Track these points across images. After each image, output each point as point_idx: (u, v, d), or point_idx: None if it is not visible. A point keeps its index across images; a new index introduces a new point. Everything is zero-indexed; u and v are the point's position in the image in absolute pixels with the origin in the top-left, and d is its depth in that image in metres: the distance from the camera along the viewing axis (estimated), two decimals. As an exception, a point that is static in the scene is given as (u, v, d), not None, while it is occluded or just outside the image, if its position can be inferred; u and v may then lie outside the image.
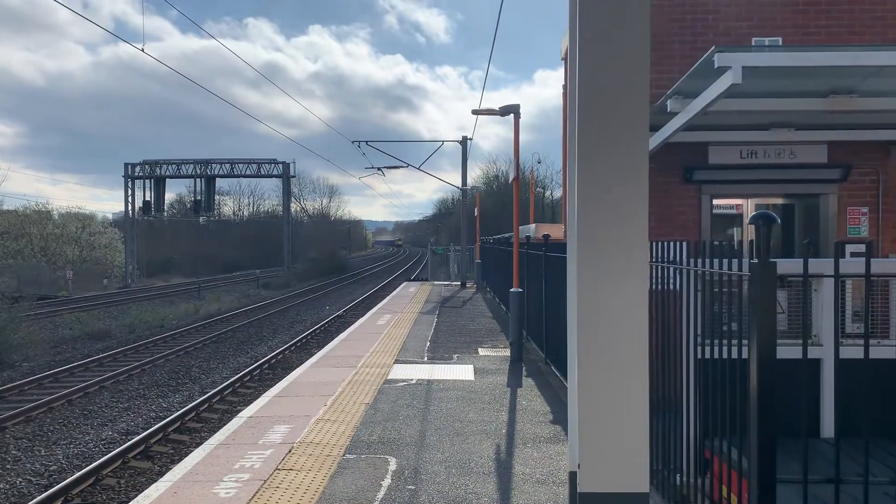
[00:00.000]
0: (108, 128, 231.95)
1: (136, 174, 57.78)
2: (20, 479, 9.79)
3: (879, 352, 5.38)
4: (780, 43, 9.79)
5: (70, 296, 41.51)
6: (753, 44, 9.84)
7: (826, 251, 9.50)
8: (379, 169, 37.32)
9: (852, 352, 4.83)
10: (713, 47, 6.54)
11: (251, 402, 9.78)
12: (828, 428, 5.49)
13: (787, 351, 4.61)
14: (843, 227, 9.83)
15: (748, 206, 10.62)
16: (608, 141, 2.58)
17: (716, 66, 6.46)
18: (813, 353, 5.39)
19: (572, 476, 2.67)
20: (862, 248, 4.09)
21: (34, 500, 8.50)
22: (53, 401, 13.93)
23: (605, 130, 2.60)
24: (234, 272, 67.39)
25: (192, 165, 58.30)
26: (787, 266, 4.68)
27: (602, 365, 2.56)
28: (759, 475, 3.59)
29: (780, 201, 10.80)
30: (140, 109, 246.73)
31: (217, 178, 60.37)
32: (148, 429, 11.85)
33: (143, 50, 16.83)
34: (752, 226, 3.70)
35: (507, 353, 13.06)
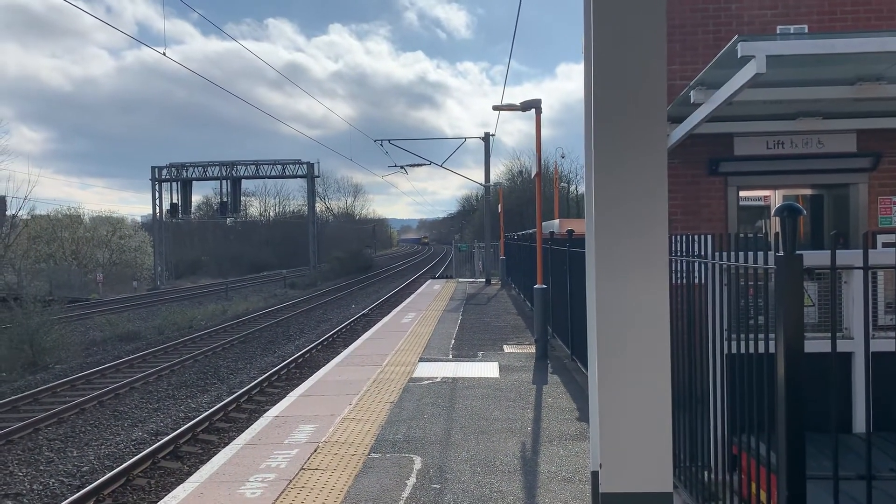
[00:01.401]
0: (135, 132, 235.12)
1: (163, 177, 58.45)
2: (53, 480, 9.95)
3: (912, 344, 5.25)
4: (806, 30, 9.60)
5: (100, 298, 42.16)
6: (779, 32, 9.66)
7: (857, 242, 9.31)
8: (402, 167, 37.36)
9: (884, 344, 4.72)
10: (736, 37, 6.42)
11: (278, 402, 9.83)
12: (860, 423, 5.38)
13: (817, 344, 4.52)
14: (874, 216, 9.62)
15: (776, 198, 10.44)
16: (625, 133, 2.53)
17: (739, 55, 6.34)
18: (843, 346, 5.28)
19: (594, 476, 2.63)
20: (894, 238, 3.98)
21: (66, 501, 8.63)
22: (85, 402, 14.14)
23: (621, 123, 2.55)
24: (261, 272, 67.98)
25: (217, 167, 58.82)
26: (815, 258, 4.59)
27: (622, 361, 2.51)
28: (788, 471, 3.52)
29: (808, 192, 10.60)
30: (165, 113, 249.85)
31: (243, 180, 60.87)
32: (177, 429, 11.98)
33: (164, 54, 17.00)
34: (777, 217, 3.62)
35: (533, 349, 13.00)
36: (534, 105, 13.75)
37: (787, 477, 3.53)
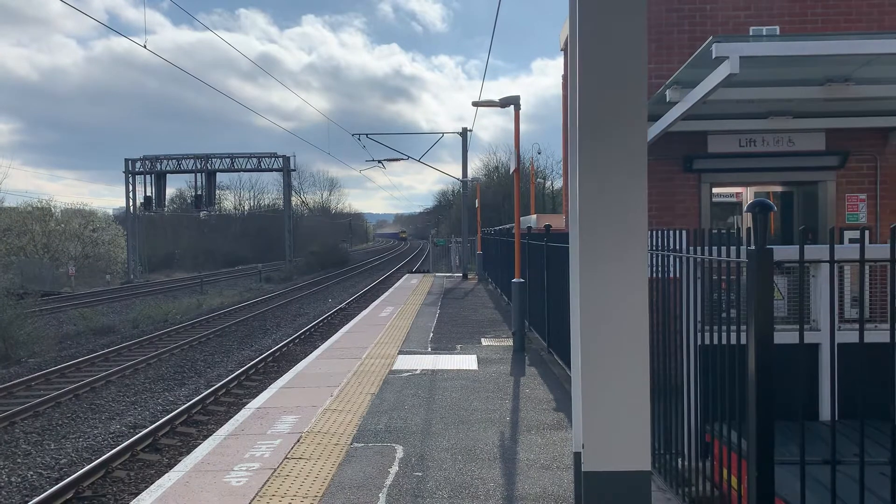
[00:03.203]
0: (105, 123, 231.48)
1: (137, 170, 57.72)
2: (31, 473, 9.93)
3: (876, 335, 5.48)
4: (778, 31, 9.85)
5: (73, 292, 41.65)
6: (751, 33, 9.90)
7: (825, 238, 9.59)
8: (379, 161, 37.32)
9: (849, 336, 4.93)
10: (711, 38, 6.61)
11: (257, 395, 9.89)
12: (826, 411, 5.60)
13: (786, 336, 4.71)
14: (841, 213, 9.91)
15: (748, 194, 10.71)
16: (608, 133, 2.67)
17: (713, 56, 6.54)
18: (811, 337, 5.49)
19: (577, 456, 2.78)
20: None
21: (46, 493, 8.63)
22: (61, 395, 14.06)
23: (604, 123, 2.69)
24: (236, 266, 67.54)
25: (192, 160, 58.20)
26: (784, 252, 4.78)
27: (604, 347, 2.66)
28: (757, 457, 3.69)
29: (779, 189, 10.88)
30: (136, 104, 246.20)
31: (217, 173, 60.31)
32: (155, 422, 11.98)
33: (145, 46, 16.83)
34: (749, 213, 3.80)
35: (510, 342, 13.18)
36: (512, 102, 13.90)
37: (756, 462, 3.70)
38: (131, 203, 58.07)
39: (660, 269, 5.62)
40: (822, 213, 10.13)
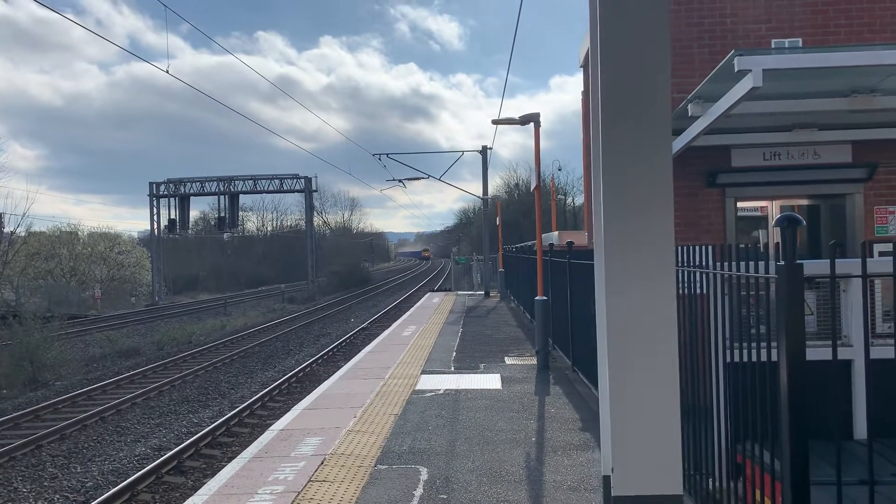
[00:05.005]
0: (128, 147, 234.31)
1: (161, 193, 58.48)
2: (58, 496, 9.97)
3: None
4: (801, 44, 9.75)
5: (99, 314, 42.09)
6: (773, 46, 9.81)
7: (853, 251, 9.42)
8: (400, 181, 37.46)
9: (883, 352, 4.80)
10: (733, 51, 6.55)
11: (281, 416, 9.87)
12: (860, 429, 5.45)
13: (817, 352, 4.60)
14: (870, 226, 9.74)
15: (773, 208, 10.56)
16: (632, 149, 2.63)
17: (736, 69, 6.47)
18: (843, 353, 5.37)
19: (606, 480, 2.71)
20: (891, 247, 4.07)
21: (72, 516, 8.66)
22: (87, 418, 14.15)
23: (628, 139, 2.65)
24: (259, 287, 67.94)
25: (215, 183, 58.86)
26: (814, 267, 4.68)
27: (632, 368, 2.60)
28: (791, 478, 3.58)
29: (805, 202, 10.73)
30: (159, 127, 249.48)
31: (240, 195, 60.96)
32: (180, 444, 12.00)
33: (167, 71, 17.08)
34: (777, 228, 3.72)
35: (534, 361, 13.06)
36: (532, 119, 13.89)
37: (791, 483, 3.59)
38: (156, 226, 58.73)
39: (686, 285, 5.53)
40: (850, 227, 9.96)
